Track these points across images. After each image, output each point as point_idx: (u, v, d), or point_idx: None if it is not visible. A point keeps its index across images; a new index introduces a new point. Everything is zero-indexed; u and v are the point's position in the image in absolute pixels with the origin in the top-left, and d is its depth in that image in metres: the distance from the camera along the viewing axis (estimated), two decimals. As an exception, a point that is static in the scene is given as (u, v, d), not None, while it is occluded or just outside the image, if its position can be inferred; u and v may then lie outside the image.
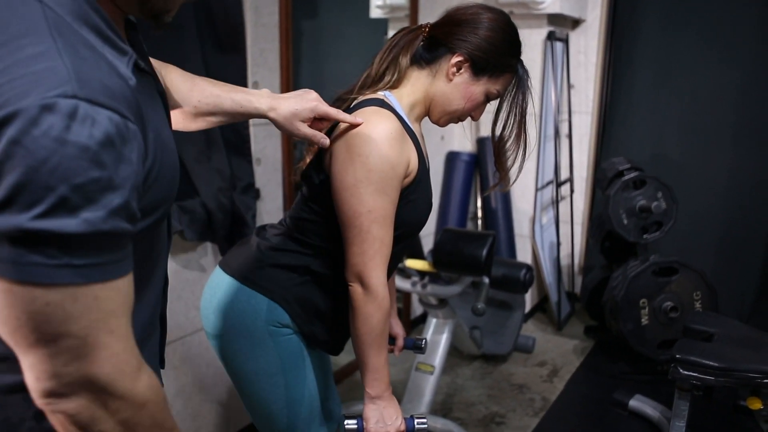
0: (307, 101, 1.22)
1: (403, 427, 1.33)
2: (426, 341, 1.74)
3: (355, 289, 1.27)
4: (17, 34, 0.63)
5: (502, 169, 1.44)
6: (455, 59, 1.32)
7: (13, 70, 0.61)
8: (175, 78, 1.18)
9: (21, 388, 0.74)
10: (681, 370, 2.10)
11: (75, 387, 0.66)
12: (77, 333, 0.64)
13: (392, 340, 1.70)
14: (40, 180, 0.58)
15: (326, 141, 1.24)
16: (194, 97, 1.18)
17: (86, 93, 0.61)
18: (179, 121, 1.20)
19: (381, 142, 1.22)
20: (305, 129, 1.22)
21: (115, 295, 0.66)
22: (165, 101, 0.87)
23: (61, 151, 0.58)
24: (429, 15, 3.25)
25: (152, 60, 1.10)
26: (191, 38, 2.03)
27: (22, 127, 0.58)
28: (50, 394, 0.66)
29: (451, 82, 1.34)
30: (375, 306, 1.27)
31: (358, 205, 1.22)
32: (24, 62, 0.61)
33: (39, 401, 0.67)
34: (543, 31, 3.43)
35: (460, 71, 1.33)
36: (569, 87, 3.81)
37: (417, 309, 3.60)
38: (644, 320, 3.02)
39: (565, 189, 3.92)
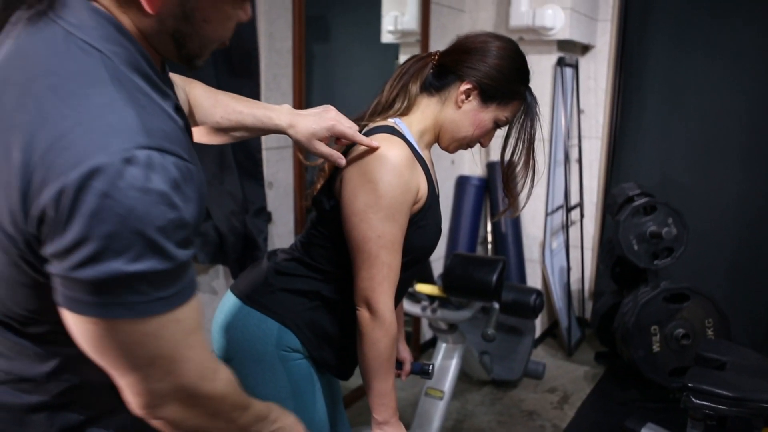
0: (324, 120, 1.24)
1: None
2: (433, 366, 1.73)
3: (363, 314, 1.28)
4: (83, 84, 0.67)
5: (511, 195, 1.46)
6: (464, 87, 1.34)
7: (87, 121, 0.65)
8: (199, 94, 1.21)
9: (45, 407, 0.77)
10: (694, 399, 2.07)
11: (168, 397, 0.76)
12: (167, 354, 0.73)
13: (399, 364, 1.70)
14: (130, 227, 0.64)
15: (342, 161, 1.26)
16: (217, 113, 1.22)
17: (155, 142, 0.67)
18: (202, 135, 1.24)
19: (391, 169, 1.23)
20: (323, 148, 1.25)
21: (192, 314, 0.75)
22: (190, 132, 0.90)
23: (144, 199, 0.64)
24: (440, 40, 3.29)
25: (177, 76, 1.13)
26: (206, 62, 2.06)
27: (110, 180, 0.62)
28: (148, 406, 0.76)
29: (460, 109, 1.36)
30: (382, 331, 1.27)
31: (367, 230, 1.23)
32: (96, 113, 0.66)
33: (139, 412, 0.77)
34: (553, 57, 3.45)
35: (469, 98, 1.35)
36: (579, 112, 3.82)
37: (427, 333, 3.58)
38: (655, 347, 2.99)
39: (575, 214, 3.91)
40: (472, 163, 3.70)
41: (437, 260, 3.55)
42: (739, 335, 3.37)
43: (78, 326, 0.69)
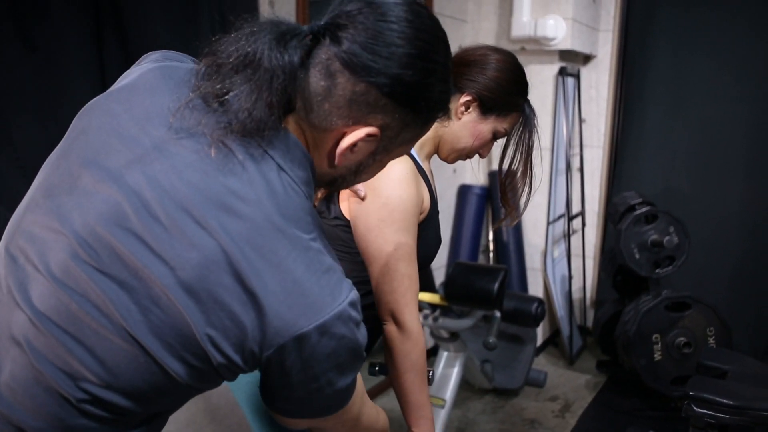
0: None
1: None
2: (433, 372, 1.74)
3: (390, 328, 1.29)
4: (303, 229, 0.76)
5: (508, 205, 1.48)
6: (464, 99, 1.36)
7: (314, 272, 0.75)
8: None
9: None
10: (695, 408, 2.08)
11: None
12: (356, 413, 0.99)
13: None
14: (354, 356, 0.81)
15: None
16: None
17: (352, 297, 0.78)
18: None
19: (399, 184, 1.24)
20: None
21: (359, 381, 0.95)
22: None
23: (354, 342, 0.79)
24: (442, 50, 3.30)
25: None
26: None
27: (334, 334, 0.76)
28: None
29: (459, 120, 1.38)
30: (411, 343, 1.28)
31: (383, 244, 1.24)
32: (317, 263, 0.75)
33: None
34: (554, 67, 3.47)
35: (469, 110, 1.37)
36: (581, 121, 3.84)
37: (428, 342, 3.59)
38: (657, 356, 3.00)
39: (576, 223, 3.92)
40: (473, 172, 3.72)
41: (439, 269, 3.56)
42: (740, 344, 3.37)
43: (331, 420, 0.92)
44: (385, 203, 1.23)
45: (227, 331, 0.71)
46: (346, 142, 0.78)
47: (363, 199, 1.25)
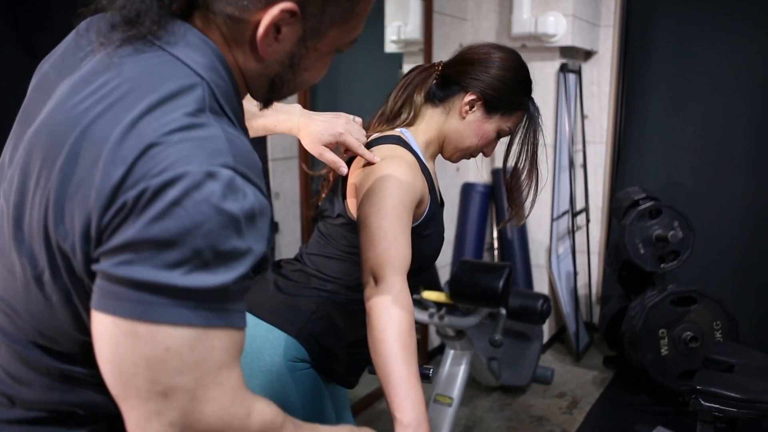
0: (333, 127, 1.27)
1: None
2: (432, 370, 1.71)
3: (370, 290, 1.13)
4: (181, 105, 0.66)
5: (515, 204, 1.47)
6: (468, 98, 1.35)
7: (179, 134, 0.64)
8: None
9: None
10: (702, 402, 2.07)
11: None
12: (189, 385, 0.64)
13: None
14: (191, 243, 0.61)
15: (344, 169, 1.27)
16: None
17: (240, 167, 0.65)
18: None
19: (398, 171, 1.23)
20: (328, 154, 1.27)
21: (230, 345, 0.67)
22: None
23: (214, 218, 0.62)
24: (442, 49, 3.31)
25: None
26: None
27: (185, 190, 0.61)
28: None
29: (464, 119, 1.37)
30: (391, 299, 1.08)
31: (370, 207, 1.19)
32: (188, 130, 0.65)
33: None
34: (556, 64, 3.47)
35: (473, 109, 1.36)
36: (583, 117, 3.84)
37: (434, 340, 3.59)
38: (664, 351, 2.99)
39: (580, 219, 3.92)
40: (476, 170, 3.72)
41: (444, 267, 3.56)
42: (747, 337, 3.36)
43: (104, 331, 0.64)
44: (379, 177, 1.22)
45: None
46: (263, 25, 0.71)
47: (374, 164, 1.24)
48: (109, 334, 0.64)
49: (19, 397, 0.76)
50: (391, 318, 1.07)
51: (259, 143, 2.26)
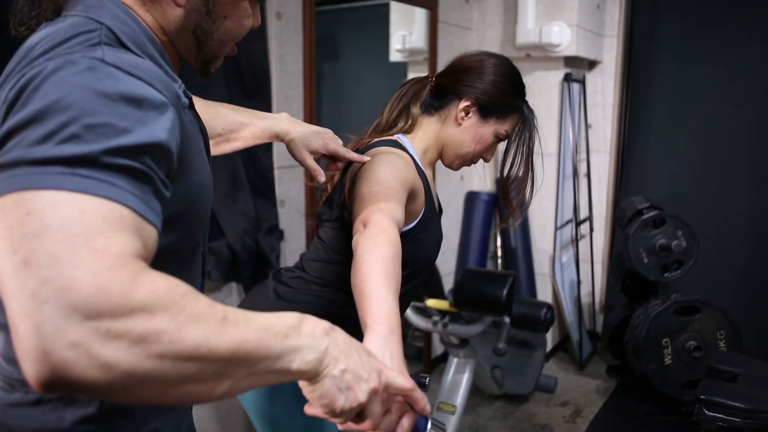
0: (321, 136, 1.30)
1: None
2: (429, 378, 1.71)
3: (359, 235, 1.05)
4: (71, 36, 0.69)
5: (510, 206, 1.50)
6: (463, 104, 1.39)
7: (67, 50, 0.67)
8: (198, 107, 1.25)
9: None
10: (706, 412, 2.07)
11: (63, 332, 0.52)
12: (50, 249, 0.54)
13: None
14: (55, 117, 0.60)
15: (322, 177, 1.29)
16: (218, 125, 1.26)
17: (112, 60, 0.66)
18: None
19: (391, 157, 1.27)
20: (310, 161, 1.29)
21: (109, 215, 0.58)
22: (206, 140, 0.93)
23: (75, 93, 0.62)
24: (447, 58, 3.31)
25: None
26: (218, 84, 2.11)
27: (45, 75, 0.63)
28: (42, 355, 0.52)
29: (460, 126, 1.41)
30: (384, 237, 1.01)
31: (364, 182, 1.20)
32: (77, 49, 0.68)
33: (35, 377, 0.53)
34: (560, 73, 3.48)
35: (469, 115, 1.40)
36: (587, 127, 3.85)
37: (438, 348, 3.60)
38: (667, 360, 2.99)
39: (584, 228, 3.93)
40: (480, 178, 3.73)
41: (448, 275, 3.57)
42: (751, 347, 3.35)
43: None
44: (372, 161, 1.25)
45: None
46: None
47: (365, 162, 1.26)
48: None
49: (16, 378, 0.78)
50: (377, 246, 0.99)
51: (266, 151, 2.28)
